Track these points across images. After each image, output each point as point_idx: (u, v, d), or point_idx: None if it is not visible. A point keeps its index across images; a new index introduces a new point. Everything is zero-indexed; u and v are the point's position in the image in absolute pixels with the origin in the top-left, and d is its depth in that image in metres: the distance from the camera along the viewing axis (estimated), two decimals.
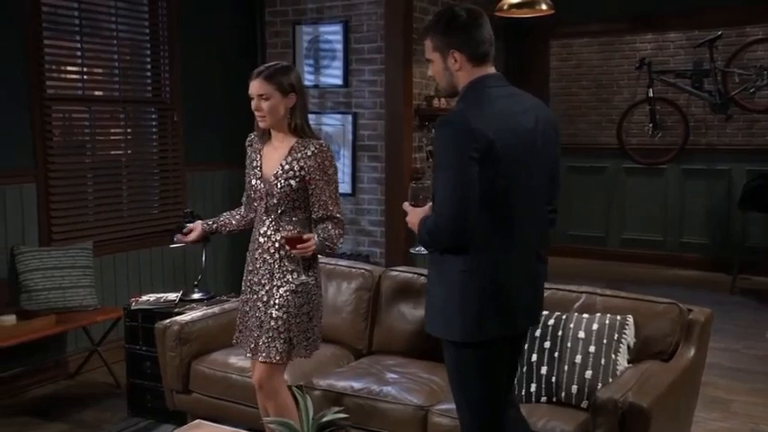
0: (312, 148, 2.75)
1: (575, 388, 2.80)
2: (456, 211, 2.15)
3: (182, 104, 5.12)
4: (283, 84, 2.73)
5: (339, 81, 5.32)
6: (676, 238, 7.68)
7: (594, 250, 7.97)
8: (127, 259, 4.84)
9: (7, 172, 4.18)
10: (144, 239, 4.92)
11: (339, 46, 5.29)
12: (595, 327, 2.88)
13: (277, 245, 2.78)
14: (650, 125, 7.11)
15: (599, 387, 2.73)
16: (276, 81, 2.72)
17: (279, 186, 2.75)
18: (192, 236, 2.99)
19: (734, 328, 5.37)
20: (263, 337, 2.77)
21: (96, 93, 4.79)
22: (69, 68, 4.61)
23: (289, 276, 2.77)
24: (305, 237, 2.67)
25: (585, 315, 2.96)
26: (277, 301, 2.77)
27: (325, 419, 2.09)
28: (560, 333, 2.90)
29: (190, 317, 3.52)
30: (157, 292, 4.14)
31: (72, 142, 4.67)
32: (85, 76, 4.67)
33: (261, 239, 2.83)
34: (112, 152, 4.87)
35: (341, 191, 3.18)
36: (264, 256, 2.81)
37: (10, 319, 3.87)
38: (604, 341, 2.84)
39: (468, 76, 2.28)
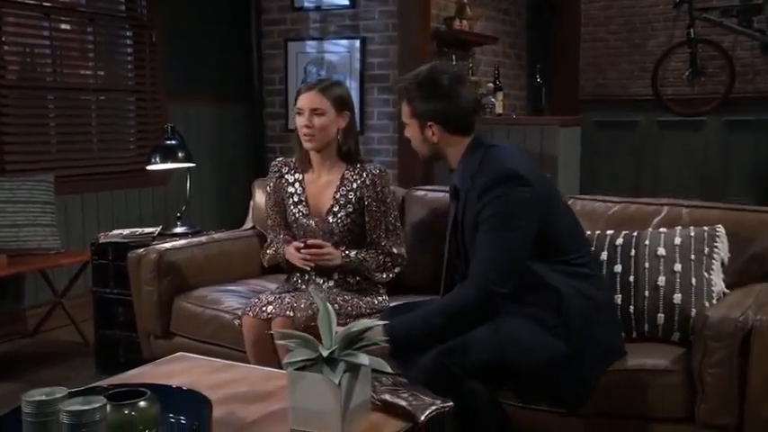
0: (369, 176, 2.49)
1: (661, 317, 2.12)
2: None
3: (161, 23, 4.42)
4: (339, 98, 2.46)
5: (345, 1, 4.68)
6: (717, 198, 6.88)
7: None
8: (97, 200, 4.16)
9: None
10: (117, 179, 4.26)
11: None
12: (678, 241, 2.20)
13: (352, 281, 2.52)
14: (689, 71, 6.40)
15: (693, 313, 2.05)
16: (332, 95, 2.45)
17: (340, 224, 2.49)
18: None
19: None
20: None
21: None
22: None
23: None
24: (314, 243, 2.41)
25: (663, 229, 2.28)
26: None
27: (355, 330, 1.62)
28: (633, 253, 2.22)
29: (170, 244, 2.88)
30: None
31: (28, 56, 3.97)
32: None
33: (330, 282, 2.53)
34: (79, 73, 4.18)
35: None
36: (337, 299, 2.45)
37: None
38: (692, 257, 2.17)
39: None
